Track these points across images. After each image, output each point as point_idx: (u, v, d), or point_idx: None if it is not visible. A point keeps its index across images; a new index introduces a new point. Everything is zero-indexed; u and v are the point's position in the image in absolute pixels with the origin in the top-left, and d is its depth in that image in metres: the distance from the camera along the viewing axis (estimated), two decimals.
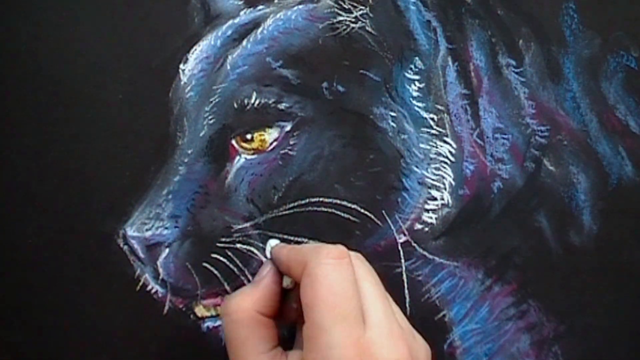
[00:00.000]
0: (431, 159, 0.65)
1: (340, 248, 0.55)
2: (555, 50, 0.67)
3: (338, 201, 0.64)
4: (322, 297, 0.53)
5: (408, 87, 0.65)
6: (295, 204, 0.64)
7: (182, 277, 0.63)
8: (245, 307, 0.57)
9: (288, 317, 0.59)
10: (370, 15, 0.64)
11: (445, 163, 0.65)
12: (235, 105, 0.64)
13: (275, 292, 0.59)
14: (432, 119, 0.65)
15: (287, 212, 0.64)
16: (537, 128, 0.66)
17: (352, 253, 0.57)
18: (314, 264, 0.54)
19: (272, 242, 0.62)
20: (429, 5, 0.65)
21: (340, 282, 0.54)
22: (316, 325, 0.53)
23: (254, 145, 0.64)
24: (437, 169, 0.65)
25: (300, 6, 0.65)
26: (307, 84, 0.64)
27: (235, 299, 0.58)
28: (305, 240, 0.64)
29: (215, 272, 0.63)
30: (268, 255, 0.62)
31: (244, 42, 0.65)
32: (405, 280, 0.65)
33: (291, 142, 0.64)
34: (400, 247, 0.65)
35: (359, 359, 0.52)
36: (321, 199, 0.64)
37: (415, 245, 0.65)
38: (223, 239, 0.63)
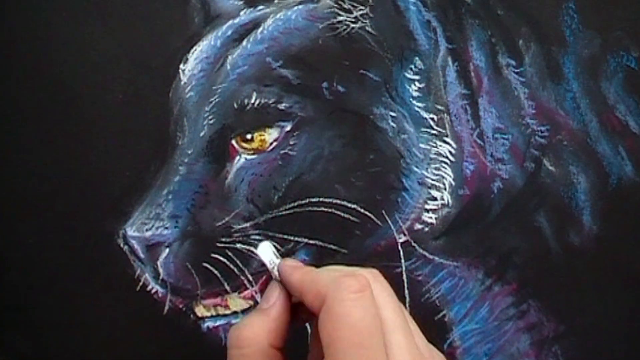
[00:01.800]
0: (431, 159, 0.65)
1: (361, 279, 0.51)
2: (555, 50, 0.66)
3: (338, 201, 0.64)
4: (346, 338, 0.49)
5: (408, 87, 0.65)
6: (295, 204, 0.64)
7: (182, 277, 0.63)
8: (259, 340, 0.52)
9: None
10: (370, 15, 0.64)
11: (445, 163, 0.65)
12: (235, 105, 0.64)
13: (286, 321, 0.54)
14: (432, 119, 0.65)
15: (287, 212, 0.64)
16: (537, 128, 0.66)
17: (370, 275, 0.53)
18: (334, 300, 0.50)
19: (264, 249, 0.57)
20: (429, 5, 0.65)
21: (363, 319, 0.49)
22: None
23: (254, 145, 0.64)
24: (437, 169, 0.65)
25: (300, 6, 0.65)
26: (307, 84, 0.64)
27: (246, 330, 0.53)
28: (305, 240, 0.64)
29: (215, 272, 0.63)
30: (262, 257, 0.57)
31: (244, 42, 0.65)
32: (405, 280, 0.65)
33: (291, 142, 0.64)
34: (400, 247, 0.65)
35: None
36: (321, 199, 0.64)
37: (415, 245, 0.65)
38: (223, 239, 0.63)
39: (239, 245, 0.63)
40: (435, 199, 0.65)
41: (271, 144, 0.64)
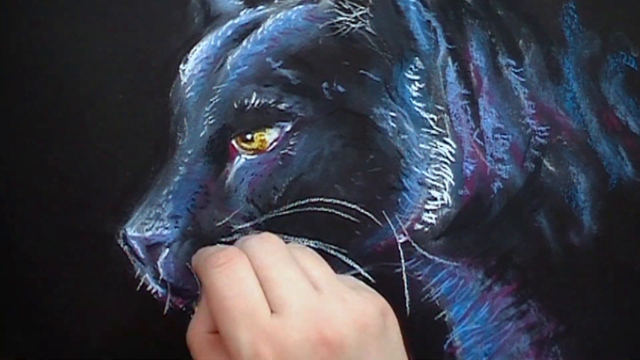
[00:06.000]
0: (431, 159, 0.65)
1: (228, 252, 0.56)
2: (555, 50, 0.66)
3: (338, 201, 0.64)
4: (216, 306, 0.54)
5: (408, 87, 0.65)
6: (295, 204, 0.64)
7: (182, 277, 0.64)
8: (196, 330, 0.57)
9: None
10: (371, 15, 0.64)
11: (445, 163, 0.65)
12: (235, 105, 0.64)
13: None
14: (432, 119, 0.65)
15: (287, 212, 0.64)
16: (537, 128, 0.66)
17: (254, 240, 0.57)
18: (203, 278, 0.56)
19: None
20: (429, 6, 0.65)
21: (230, 284, 0.54)
22: (224, 335, 0.53)
23: (254, 145, 0.64)
24: (437, 169, 0.65)
25: (300, 6, 0.65)
26: (307, 84, 0.64)
27: (188, 330, 0.58)
28: (306, 240, 0.64)
29: None
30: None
31: (244, 43, 0.65)
32: (405, 280, 0.65)
33: (291, 142, 0.64)
34: (400, 247, 0.65)
35: (268, 347, 0.51)
36: (321, 199, 0.64)
37: (415, 245, 0.65)
38: (223, 239, 0.63)
39: None
40: (435, 199, 0.65)
41: (271, 144, 0.64)
